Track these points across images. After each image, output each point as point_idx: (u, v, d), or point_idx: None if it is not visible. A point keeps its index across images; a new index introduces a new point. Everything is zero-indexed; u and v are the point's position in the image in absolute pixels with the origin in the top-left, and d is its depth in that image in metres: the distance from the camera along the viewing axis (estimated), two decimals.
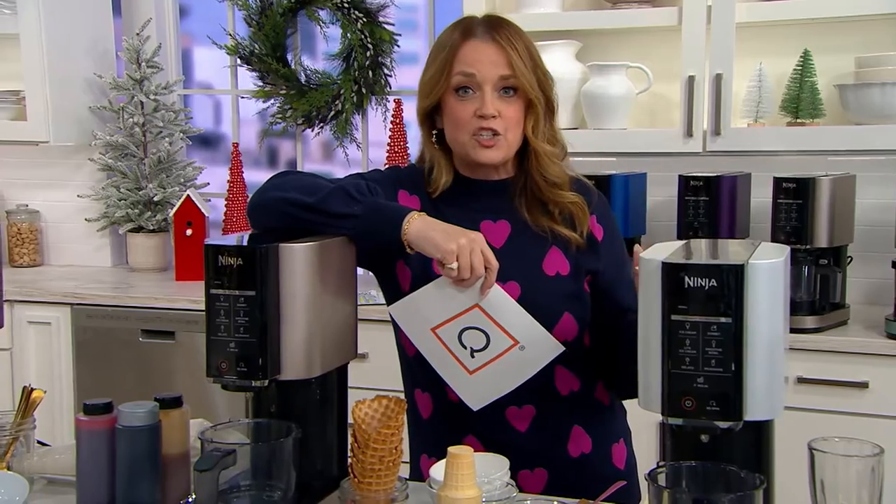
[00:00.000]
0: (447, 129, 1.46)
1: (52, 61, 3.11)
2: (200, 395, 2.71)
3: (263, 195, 1.39)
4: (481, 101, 1.40)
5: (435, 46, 1.46)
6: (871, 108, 2.42)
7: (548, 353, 1.37)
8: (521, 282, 1.42)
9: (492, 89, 1.40)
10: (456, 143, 1.45)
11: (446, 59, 1.42)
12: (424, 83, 1.46)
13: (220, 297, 1.23)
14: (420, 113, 1.48)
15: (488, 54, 1.40)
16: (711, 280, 1.03)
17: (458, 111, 1.42)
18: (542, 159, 1.44)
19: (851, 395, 2.25)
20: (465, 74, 1.41)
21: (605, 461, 1.51)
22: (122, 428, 1.27)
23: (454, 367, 1.38)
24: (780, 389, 1.07)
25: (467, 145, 1.43)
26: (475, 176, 1.49)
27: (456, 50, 1.41)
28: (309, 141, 3.35)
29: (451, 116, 1.43)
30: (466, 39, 1.42)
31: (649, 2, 2.65)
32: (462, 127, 1.42)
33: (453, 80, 1.41)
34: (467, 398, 1.40)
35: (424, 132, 1.49)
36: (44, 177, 3.43)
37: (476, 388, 1.39)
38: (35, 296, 2.93)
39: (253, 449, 1.24)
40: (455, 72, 1.41)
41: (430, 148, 1.49)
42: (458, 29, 1.44)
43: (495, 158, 1.43)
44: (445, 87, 1.42)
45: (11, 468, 1.37)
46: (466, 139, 1.42)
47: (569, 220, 1.47)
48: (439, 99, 1.44)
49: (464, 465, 1.12)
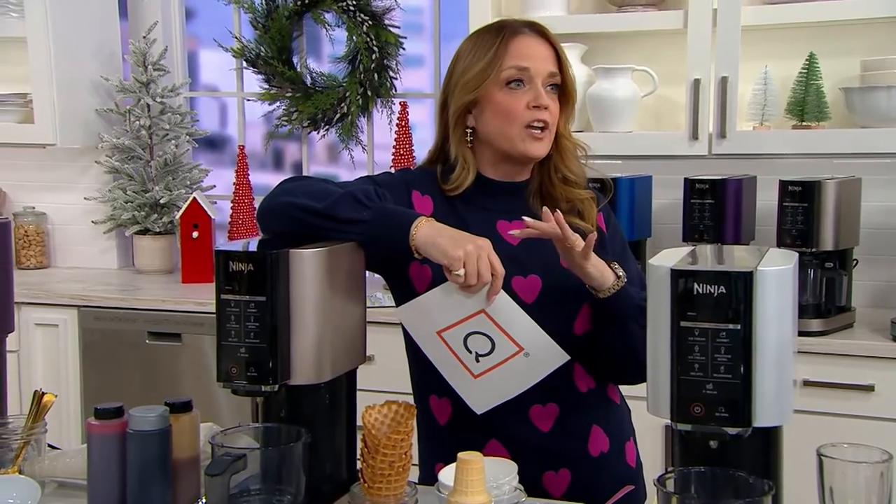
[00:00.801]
0: (491, 124, 1.46)
1: (58, 64, 3.12)
2: (207, 397, 2.73)
3: (273, 200, 1.40)
4: (535, 94, 1.43)
5: (474, 45, 1.47)
6: (876, 112, 2.42)
7: (553, 362, 1.37)
8: (541, 275, 1.44)
9: (541, 84, 1.44)
10: (502, 136, 1.45)
11: (496, 54, 1.44)
12: (469, 78, 1.45)
13: (230, 302, 1.24)
14: (458, 109, 1.47)
15: (540, 49, 1.45)
16: (720, 287, 1.04)
17: (509, 103, 1.43)
18: (568, 155, 1.49)
19: (857, 398, 2.25)
20: (518, 68, 1.43)
21: (620, 460, 1.53)
22: (133, 432, 1.28)
23: (459, 371, 1.38)
24: (788, 395, 1.07)
25: (516, 138, 1.44)
26: (498, 177, 1.50)
27: (507, 45, 1.44)
28: (314, 143, 3.36)
29: (501, 109, 1.44)
30: (516, 35, 1.45)
31: (655, 5, 2.65)
32: (514, 119, 1.43)
33: (504, 74, 1.43)
34: (471, 402, 1.40)
35: (458, 130, 1.48)
36: (50, 179, 3.44)
37: (480, 391, 1.39)
38: (42, 298, 2.94)
39: (263, 453, 1.25)
40: (507, 65, 1.43)
41: (462, 146, 1.48)
42: (504, 28, 1.47)
43: (542, 151, 1.46)
44: (495, 80, 1.44)
45: (23, 472, 1.37)
46: (517, 132, 1.44)
47: (578, 214, 1.49)
48: (481, 94, 1.45)
49: (474, 470, 1.13)
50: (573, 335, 1.44)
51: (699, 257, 1.15)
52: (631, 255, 1.56)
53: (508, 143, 1.45)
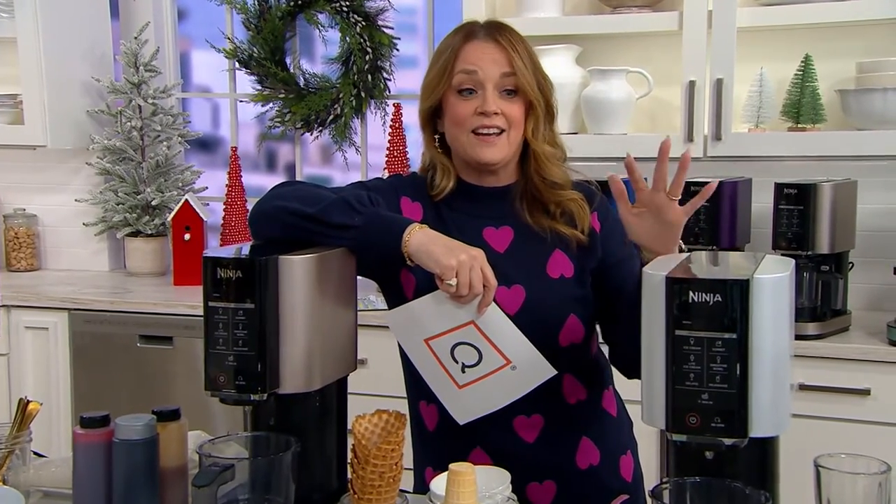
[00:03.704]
0: (448, 130, 1.45)
1: (49, 65, 3.10)
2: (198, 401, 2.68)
3: (265, 205, 1.38)
4: (483, 99, 1.41)
5: (437, 50, 1.47)
6: (872, 114, 2.41)
7: (539, 376, 1.36)
8: (525, 285, 1.42)
9: (493, 88, 1.41)
10: (456, 142, 1.45)
11: (448, 60, 1.43)
12: (426, 84, 1.46)
13: (218, 309, 1.22)
14: (422, 115, 1.48)
15: (490, 53, 1.41)
16: (716, 295, 1.02)
17: (458, 109, 1.42)
18: (541, 161, 1.45)
19: (853, 402, 2.24)
20: (466, 72, 1.41)
21: (614, 473, 1.50)
22: (120, 441, 1.26)
23: (444, 380, 1.37)
24: (785, 405, 1.05)
25: (466, 144, 1.43)
26: (478, 182, 1.48)
27: (458, 50, 1.43)
28: (308, 145, 3.34)
29: (452, 115, 1.43)
30: (469, 41, 1.43)
31: (650, 6, 2.63)
32: (462, 125, 1.42)
33: (455, 79, 1.42)
34: (454, 411, 1.39)
35: (427, 135, 1.49)
36: (41, 181, 3.42)
37: (464, 402, 1.38)
38: (32, 301, 2.92)
39: (252, 463, 1.23)
40: (457, 70, 1.42)
41: (433, 151, 1.49)
42: (461, 32, 1.45)
43: (495, 157, 1.42)
44: (447, 86, 1.43)
45: (7, 482, 1.35)
46: (465, 138, 1.42)
47: (569, 218, 1.46)
48: (440, 100, 1.44)
49: (465, 482, 1.11)
50: (558, 347, 1.42)
51: (694, 264, 1.14)
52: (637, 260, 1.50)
53: (462, 149, 1.44)
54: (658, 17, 2.58)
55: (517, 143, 1.44)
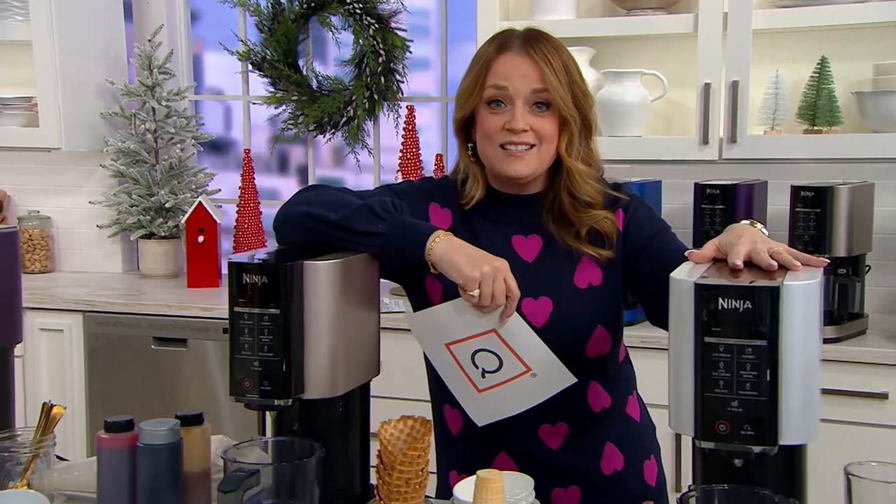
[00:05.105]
0: (478, 141, 1.44)
1: (64, 67, 3.11)
2: (212, 403, 2.71)
3: (289, 209, 1.38)
4: (511, 115, 1.38)
5: (473, 58, 1.45)
6: (889, 116, 2.40)
7: (560, 383, 1.35)
8: (552, 297, 1.41)
9: (523, 103, 1.38)
10: (485, 155, 1.44)
11: (480, 72, 1.41)
12: (460, 93, 1.45)
13: (243, 314, 1.22)
14: (456, 124, 1.47)
15: (521, 68, 1.39)
16: (746, 302, 1.02)
17: (487, 123, 1.41)
18: (574, 178, 1.42)
19: (871, 406, 2.23)
20: (497, 87, 1.39)
21: (637, 479, 1.50)
22: (144, 446, 1.26)
23: (463, 383, 1.37)
24: (815, 413, 1.05)
25: (493, 158, 1.42)
26: (506, 190, 1.47)
27: (490, 62, 1.41)
28: (320, 147, 3.34)
29: (482, 128, 1.42)
30: (501, 53, 1.41)
31: (664, 8, 2.63)
32: (491, 139, 1.41)
33: (486, 93, 1.40)
34: (472, 413, 1.40)
35: (460, 143, 1.48)
36: (55, 183, 3.42)
37: (483, 405, 1.38)
38: (46, 303, 2.92)
39: (276, 469, 1.23)
40: (488, 84, 1.40)
41: (466, 159, 1.48)
42: (495, 42, 1.43)
43: (522, 172, 1.41)
44: (478, 99, 1.41)
45: (32, 486, 1.35)
46: (493, 152, 1.41)
47: (597, 237, 1.44)
48: (472, 110, 1.43)
49: (493, 489, 1.10)
50: (585, 358, 1.42)
51: (723, 271, 1.13)
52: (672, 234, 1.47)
53: (489, 161, 1.43)
54: (673, 19, 2.58)
55: (549, 158, 1.42)
